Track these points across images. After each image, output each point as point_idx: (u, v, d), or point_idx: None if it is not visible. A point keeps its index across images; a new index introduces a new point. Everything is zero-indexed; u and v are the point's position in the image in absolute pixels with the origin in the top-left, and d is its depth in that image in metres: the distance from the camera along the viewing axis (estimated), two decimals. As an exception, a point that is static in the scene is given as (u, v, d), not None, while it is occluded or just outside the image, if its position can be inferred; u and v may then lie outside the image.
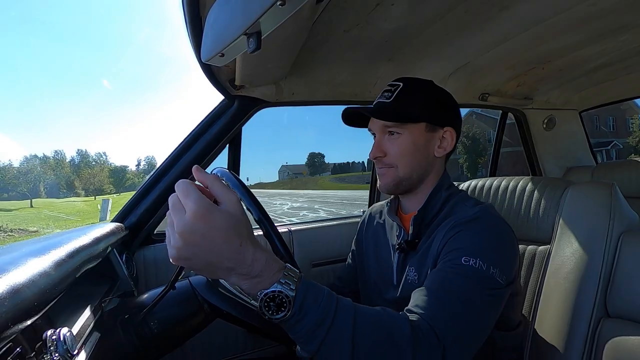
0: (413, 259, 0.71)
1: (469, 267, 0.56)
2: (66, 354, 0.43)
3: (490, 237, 0.62)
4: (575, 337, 0.69)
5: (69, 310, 0.57)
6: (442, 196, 0.72)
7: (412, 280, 0.69)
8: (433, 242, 0.67)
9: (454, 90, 1.37)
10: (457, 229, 0.63)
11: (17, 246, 0.58)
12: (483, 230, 0.63)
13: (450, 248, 0.61)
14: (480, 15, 0.88)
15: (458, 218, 0.65)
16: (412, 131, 0.71)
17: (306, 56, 0.98)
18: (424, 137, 0.72)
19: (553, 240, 0.80)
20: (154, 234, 1.14)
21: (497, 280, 0.57)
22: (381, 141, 0.73)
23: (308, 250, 1.30)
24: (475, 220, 0.64)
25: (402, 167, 0.72)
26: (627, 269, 0.67)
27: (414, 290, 0.58)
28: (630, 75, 1.51)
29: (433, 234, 0.68)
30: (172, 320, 0.64)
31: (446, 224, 0.66)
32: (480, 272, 0.56)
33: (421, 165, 0.73)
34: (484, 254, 0.58)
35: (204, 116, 1.12)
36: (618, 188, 0.75)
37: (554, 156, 1.91)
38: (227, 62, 0.62)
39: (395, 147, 0.72)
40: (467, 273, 0.56)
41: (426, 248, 0.69)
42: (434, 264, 0.64)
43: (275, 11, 0.42)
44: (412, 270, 0.70)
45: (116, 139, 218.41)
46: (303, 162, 59.70)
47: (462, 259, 0.57)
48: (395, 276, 0.75)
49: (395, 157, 0.72)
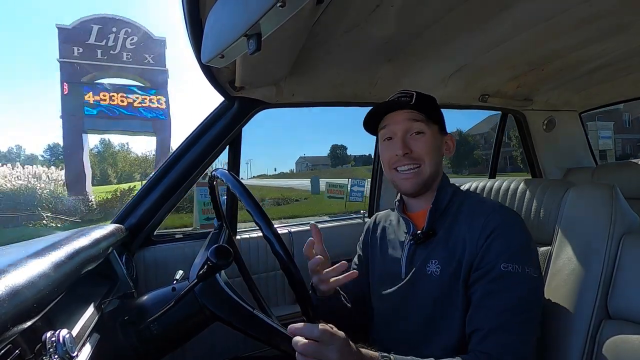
0: (433, 252, 0.73)
1: (509, 273, 0.63)
2: (65, 356, 0.43)
3: (524, 239, 0.68)
4: (576, 338, 0.69)
5: (68, 311, 0.57)
6: (448, 192, 0.77)
7: (433, 272, 0.72)
8: (455, 235, 0.71)
9: (454, 91, 1.39)
10: (492, 234, 0.67)
11: (17, 247, 0.58)
12: (513, 232, 0.68)
13: (490, 257, 0.66)
14: (480, 16, 0.88)
15: (483, 216, 0.69)
16: (433, 131, 0.77)
17: (306, 57, 0.98)
18: (439, 139, 0.79)
19: (554, 242, 0.80)
20: (153, 235, 1.14)
21: (534, 277, 0.65)
22: (405, 139, 0.76)
23: (308, 251, 1.30)
24: (505, 224, 0.68)
25: (429, 163, 0.76)
26: (628, 271, 0.67)
27: (475, 318, 0.65)
28: (630, 76, 1.51)
29: (453, 227, 0.73)
30: (172, 322, 0.64)
31: (468, 220, 0.71)
32: (522, 275, 0.63)
33: (439, 165, 0.79)
34: (521, 257, 0.65)
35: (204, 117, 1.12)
36: (619, 189, 0.75)
37: (554, 157, 1.91)
38: (227, 63, 0.62)
39: (422, 144, 0.75)
40: (512, 283, 0.63)
41: (446, 240, 0.72)
42: (467, 267, 0.68)
43: (275, 12, 0.42)
44: (434, 263, 0.72)
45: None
46: (317, 154, 58.39)
47: (501, 265, 0.64)
48: (404, 269, 0.77)
49: (422, 153, 0.75)
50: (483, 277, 0.65)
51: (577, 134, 2.00)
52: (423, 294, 0.72)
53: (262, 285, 1.24)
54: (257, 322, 0.61)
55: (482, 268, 0.66)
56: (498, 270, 0.64)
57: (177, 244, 1.17)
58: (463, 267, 0.68)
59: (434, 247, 0.73)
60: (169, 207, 1.09)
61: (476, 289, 0.66)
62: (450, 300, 0.69)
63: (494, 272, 0.64)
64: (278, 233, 0.54)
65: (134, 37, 12.19)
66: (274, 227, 0.54)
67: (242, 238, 1.26)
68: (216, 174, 0.71)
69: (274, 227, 0.54)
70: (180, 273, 0.76)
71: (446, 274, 0.70)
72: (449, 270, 0.69)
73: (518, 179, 0.95)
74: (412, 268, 0.76)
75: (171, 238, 1.19)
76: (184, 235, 1.21)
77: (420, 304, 0.73)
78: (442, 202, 0.76)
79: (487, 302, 0.64)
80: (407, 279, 0.75)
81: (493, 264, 0.64)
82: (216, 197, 0.86)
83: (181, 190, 1.08)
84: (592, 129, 18.35)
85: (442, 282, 0.70)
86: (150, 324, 0.62)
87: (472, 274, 0.67)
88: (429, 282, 0.71)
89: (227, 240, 0.89)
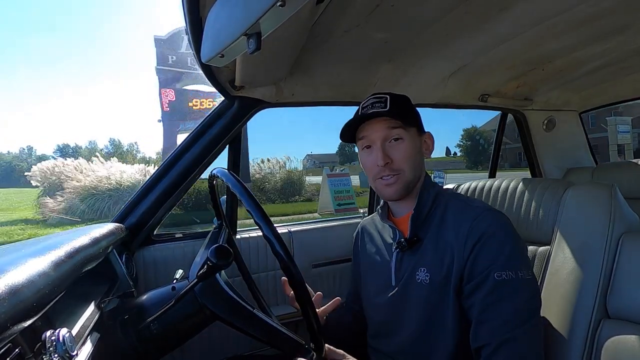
0: (422, 259, 0.72)
1: (504, 281, 0.62)
2: (65, 355, 0.43)
3: (512, 243, 0.66)
4: (575, 338, 0.69)
5: (68, 310, 0.57)
6: (431, 194, 0.76)
7: (422, 280, 0.71)
8: (442, 242, 0.70)
9: (454, 91, 1.39)
10: (479, 241, 0.65)
11: (16, 247, 0.58)
12: (501, 237, 0.66)
13: (481, 267, 0.65)
14: (480, 16, 0.88)
15: (468, 221, 0.68)
16: (412, 135, 0.76)
17: (306, 57, 0.98)
18: (418, 140, 0.79)
19: (553, 242, 0.80)
20: (153, 234, 1.14)
21: (527, 279, 0.64)
22: (384, 148, 0.75)
23: (308, 251, 1.30)
24: (492, 230, 0.66)
25: (408, 170, 0.75)
26: (628, 270, 0.67)
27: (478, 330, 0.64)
28: (630, 76, 1.51)
29: (440, 233, 0.71)
30: (172, 321, 0.64)
31: (455, 226, 0.69)
32: (517, 282, 0.62)
33: (420, 168, 0.78)
34: (512, 263, 0.63)
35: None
36: (618, 189, 0.75)
37: (553, 157, 1.91)
38: (227, 62, 0.62)
39: (401, 152, 0.75)
40: (506, 291, 0.62)
41: (433, 247, 0.71)
42: (457, 275, 0.67)
43: (275, 12, 0.42)
44: (422, 271, 0.71)
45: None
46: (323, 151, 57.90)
47: (494, 275, 0.63)
48: (394, 277, 0.77)
49: (401, 161, 0.74)
50: (478, 289, 0.64)
51: (577, 134, 2.00)
52: (415, 302, 0.72)
53: (262, 284, 1.24)
54: (257, 321, 0.61)
55: (474, 279, 0.65)
56: (492, 281, 0.63)
57: (177, 243, 1.17)
58: (453, 275, 0.67)
59: (422, 254, 0.72)
60: (169, 207, 1.09)
61: (473, 302, 0.65)
62: (442, 307, 0.68)
63: (489, 283, 0.63)
64: (278, 232, 0.54)
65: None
66: (273, 227, 0.54)
67: (242, 238, 1.26)
68: (216, 173, 0.71)
69: (274, 227, 0.54)
70: (180, 272, 0.76)
71: (436, 282, 0.69)
72: (439, 279, 0.69)
73: (517, 178, 0.95)
74: (401, 276, 0.75)
75: (171, 237, 1.19)
76: (184, 234, 1.21)
77: (413, 312, 0.72)
78: (424, 207, 0.75)
79: (488, 315, 0.63)
80: (398, 289, 0.75)
81: (486, 274, 0.63)
82: (216, 196, 0.86)
83: (181, 190, 1.08)
84: (611, 124, 18.13)
85: (433, 290, 0.69)
86: (150, 323, 0.62)
87: (465, 285, 0.66)
88: (420, 291, 0.71)
89: (227, 239, 0.89)
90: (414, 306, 0.72)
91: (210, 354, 1.16)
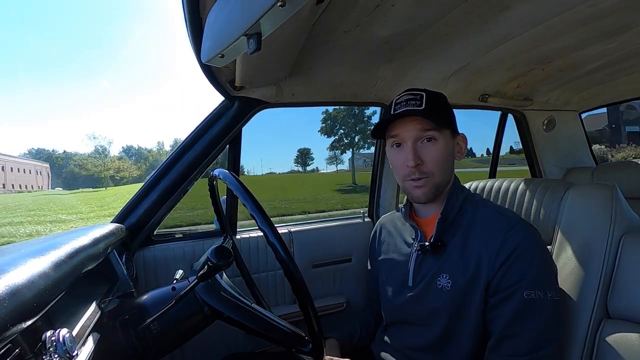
0: (445, 265, 0.71)
1: (532, 300, 0.61)
2: (65, 355, 0.43)
3: (544, 262, 0.65)
4: (576, 338, 0.69)
5: (68, 311, 0.57)
6: (459, 198, 0.74)
7: (443, 286, 0.69)
8: (469, 249, 0.68)
9: (454, 91, 1.38)
10: (512, 255, 0.64)
11: (16, 247, 0.58)
12: (533, 253, 0.65)
13: (510, 282, 0.63)
14: (480, 16, 0.88)
15: (502, 233, 0.66)
16: (446, 136, 0.72)
17: (306, 57, 0.98)
18: (451, 142, 0.74)
19: (554, 242, 0.80)
20: (153, 234, 1.14)
21: (555, 299, 0.63)
22: (415, 148, 0.71)
23: (308, 252, 1.30)
24: (525, 245, 0.65)
25: (438, 173, 0.72)
26: (628, 270, 0.67)
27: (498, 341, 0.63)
28: (630, 76, 1.51)
29: (466, 240, 0.69)
30: (172, 321, 0.64)
31: (484, 234, 0.68)
32: (545, 302, 0.62)
33: (450, 171, 0.75)
34: (541, 282, 0.63)
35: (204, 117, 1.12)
36: (619, 189, 0.75)
37: (553, 157, 1.91)
38: (227, 63, 0.62)
39: (433, 153, 0.71)
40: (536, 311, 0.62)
41: (459, 254, 0.69)
42: (484, 285, 0.66)
43: (275, 12, 0.42)
44: (444, 277, 0.70)
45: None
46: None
47: (523, 293, 0.62)
48: (412, 278, 0.75)
49: (432, 164, 0.71)
50: (504, 303, 0.63)
51: (577, 134, 2.00)
52: (433, 308, 0.71)
53: (262, 284, 1.24)
54: (257, 317, 0.62)
55: (501, 292, 0.64)
56: (520, 298, 0.62)
57: (177, 243, 1.17)
58: (479, 285, 0.66)
59: (445, 260, 0.71)
60: (169, 207, 1.08)
61: (497, 315, 0.64)
62: (462, 315, 0.68)
63: (516, 300, 0.62)
64: (278, 233, 0.54)
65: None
66: (274, 227, 0.54)
67: (242, 238, 1.26)
68: (216, 173, 0.71)
69: (275, 227, 0.54)
70: (180, 272, 0.76)
71: (458, 289, 0.67)
72: (461, 286, 0.67)
73: (518, 179, 0.95)
74: (420, 279, 0.74)
75: (171, 238, 1.19)
76: (184, 234, 1.21)
77: (430, 317, 0.71)
78: (451, 211, 0.73)
79: (514, 330, 0.62)
80: (416, 292, 0.74)
81: (514, 289, 0.62)
82: (216, 197, 0.86)
83: (181, 190, 1.08)
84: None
85: (453, 297, 0.68)
86: (150, 323, 0.62)
87: (491, 297, 0.65)
88: (440, 297, 0.69)
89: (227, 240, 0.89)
90: (432, 311, 0.71)
91: (209, 352, 1.16)
